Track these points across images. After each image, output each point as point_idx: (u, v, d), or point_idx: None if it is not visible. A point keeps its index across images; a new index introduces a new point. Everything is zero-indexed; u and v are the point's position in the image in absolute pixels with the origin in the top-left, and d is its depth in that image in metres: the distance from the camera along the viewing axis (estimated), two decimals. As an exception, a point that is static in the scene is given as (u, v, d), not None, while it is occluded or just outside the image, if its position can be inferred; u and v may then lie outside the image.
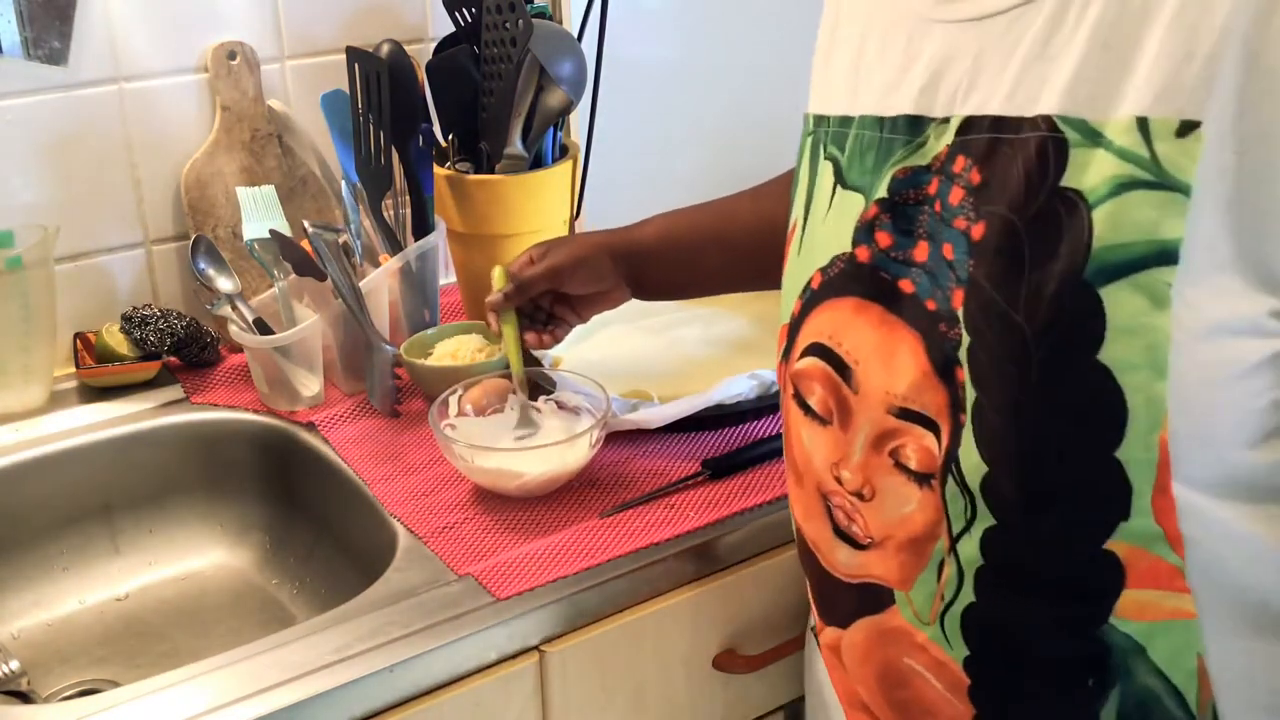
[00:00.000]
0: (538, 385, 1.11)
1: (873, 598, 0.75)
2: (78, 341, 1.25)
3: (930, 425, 0.67)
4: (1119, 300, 0.58)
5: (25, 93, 1.19)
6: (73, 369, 1.24)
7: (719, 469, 1.06)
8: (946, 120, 0.67)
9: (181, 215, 1.29)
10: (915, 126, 0.69)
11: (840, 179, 0.75)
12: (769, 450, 1.08)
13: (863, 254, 0.71)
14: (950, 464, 0.66)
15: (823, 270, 0.75)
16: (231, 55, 1.27)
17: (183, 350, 1.24)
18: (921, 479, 0.68)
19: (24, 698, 0.99)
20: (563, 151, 1.31)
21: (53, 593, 1.14)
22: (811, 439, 0.76)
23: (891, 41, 0.72)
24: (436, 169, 1.26)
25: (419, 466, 1.09)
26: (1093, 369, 0.59)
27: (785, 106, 1.72)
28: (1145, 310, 0.57)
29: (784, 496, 1.02)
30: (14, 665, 1.00)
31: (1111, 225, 0.58)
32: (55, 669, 1.07)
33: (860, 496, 0.72)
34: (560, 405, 1.09)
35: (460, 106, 1.26)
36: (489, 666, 0.90)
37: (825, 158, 0.77)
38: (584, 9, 1.31)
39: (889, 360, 0.69)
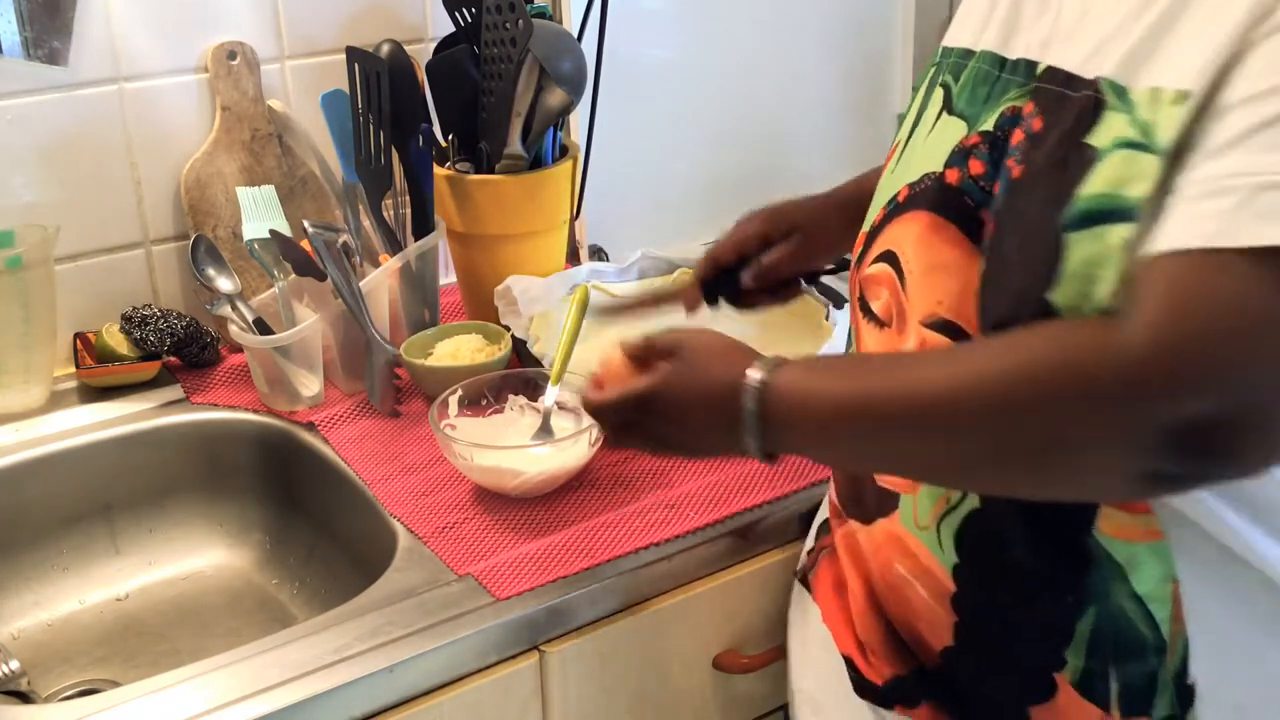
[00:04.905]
0: (538, 385, 1.11)
1: (888, 500, 0.81)
2: (78, 341, 1.25)
3: (965, 338, 0.74)
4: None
5: (25, 93, 1.19)
6: (73, 369, 1.23)
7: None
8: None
9: (181, 215, 1.28)
10: (1031, 71, 0.73)
11: (948, 105, 0.79)
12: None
13: (952, 176, 0.76)
14: None
15: (910, 185, 0.79)
16: (231, 55, 1.27)
17: (183, 350, 1.24)
18: None
19: (24, 698, 0.99)
20: (563, 151, 1.31)
21: (53, 593, 1.14)
22: (873, 341, 0.81)
23: None
24: (436, 169, 1.26)
25: (419, 466, 1.09)
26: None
27: (785, 106, 1.72)
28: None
29: (784, 497, 1.03)
30: (14, 665, 1.00)
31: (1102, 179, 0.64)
32: (55, 669, 1.07)
33: None
34: (560, 405, 1.09)
35: (460, 106, 1.26)
36: (489, 666, 0.90)
37: (939, 85, 0.81)
38: (584, 9, 1.31)
39: (937, 274, 0.74)
